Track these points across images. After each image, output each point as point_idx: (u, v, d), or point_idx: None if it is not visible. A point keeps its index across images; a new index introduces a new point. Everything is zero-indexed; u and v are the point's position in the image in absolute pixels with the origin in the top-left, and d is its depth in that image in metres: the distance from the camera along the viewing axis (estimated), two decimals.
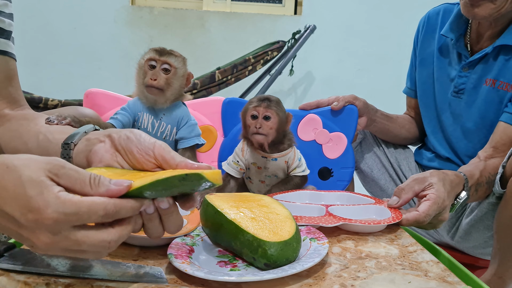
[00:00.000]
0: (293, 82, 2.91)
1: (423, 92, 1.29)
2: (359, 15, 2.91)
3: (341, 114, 1.15)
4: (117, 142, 0.57)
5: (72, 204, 0.42)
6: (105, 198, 0.44)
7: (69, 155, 0.62)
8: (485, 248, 1.16)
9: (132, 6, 2.88)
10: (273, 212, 0.63)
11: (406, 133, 1.34)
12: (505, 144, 1.05)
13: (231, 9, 2.98)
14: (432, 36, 1.27)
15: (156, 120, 0.95)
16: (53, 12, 2.81)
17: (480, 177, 0.99)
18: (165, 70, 0.93)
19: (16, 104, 0.79)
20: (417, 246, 0.72)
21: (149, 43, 2.87)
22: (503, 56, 1.10)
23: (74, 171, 0.45)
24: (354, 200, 0.91)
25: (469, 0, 1.04)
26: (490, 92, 1.12)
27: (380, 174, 1.31)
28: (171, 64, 0.93)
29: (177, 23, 2.88)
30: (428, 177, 0.85)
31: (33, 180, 0.42)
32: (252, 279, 0.52)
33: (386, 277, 0.59)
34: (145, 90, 0.93)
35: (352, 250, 0.68)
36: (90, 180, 0.45)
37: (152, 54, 0.93)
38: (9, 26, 0.78)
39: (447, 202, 0.84)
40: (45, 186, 0.42)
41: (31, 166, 0.43)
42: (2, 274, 0.53)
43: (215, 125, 1.30)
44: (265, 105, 0.91)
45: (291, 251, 0.57)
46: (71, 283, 0.53)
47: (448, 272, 0.62)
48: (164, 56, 0.93)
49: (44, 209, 0.41)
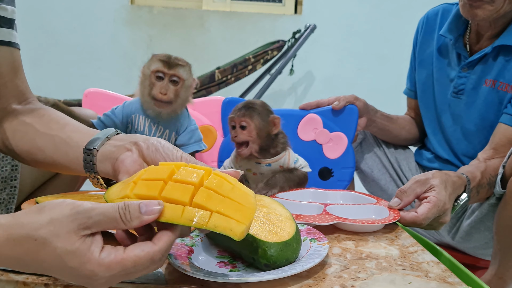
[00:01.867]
0: (293, 82, 2.91)
1: (422, 93, 1.29)
2: (359, 15, 2.91)
3: (342, 114, 1.14)
4: (145, 152, 0.58)
5: (117, 264, 0.42)
6: (146, 248, 0.43)
7: (92, 161, 0.61)
8: (486, 249, 1.15)
9: (131, 6, 2.88)
10: (273, 213, 0.62)
11: (406, 134, 1.34)
12: (504, 145, 1.04)
13: (231, 8, 2.98)
14: (431, 37, 1.26)
15: (153, 123, 0.93)
16: (52, 12, 2.81)
17: (481, 178, 0.98)
18: (174, 82, 0.90)
19: (23, 97, 0.75)
20: (417, 247, 0.72)
21: (149, 42, 2.87)
22: (503, 57, 1.09)
23: (101, 215, 0.42)
24: (357, 199, 0.91)
25: (468, 0, 1.04)
26: (489, 93, 1.12)
27: (381, 175, 1.30)
28: (180, 76, 0.90)
29: (176, 23, 2.88)
30: (430, 178, 0.84)
31: (69, 251, 0.41)
32: (251, 279, 0.51)
33: (386, 277, 0.59)
34: (152, 102, 0.89)
35: (352, 251, 0.68)
36: (121, 217, 0.43)
37: (160, 66, 0.89)
38: (12, 13, 0.73)
39: (448, 205, 0.83)
40: (84, 255, 0.41)
41: (60, 234, 0.41)
42: (1, 274, 0.53)
43: (214, 125, 1.30)
44: (240, 114, 0.91)
45: (291, 251, 0.57)
46: (70, 284, 0.52)
47: (449, 273, 0.61)
48: (172, 69, 0.89)
49: (92, 277, 0.42)
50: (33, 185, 0.96)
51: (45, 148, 0.67)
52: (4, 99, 0.72)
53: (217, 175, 0.49)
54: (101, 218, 0.42)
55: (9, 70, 0.73)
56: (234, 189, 0.48)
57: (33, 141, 0.68)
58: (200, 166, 0.50)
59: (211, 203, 0.45)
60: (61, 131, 0.67)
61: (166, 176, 0.47)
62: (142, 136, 0.61)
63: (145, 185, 0.47)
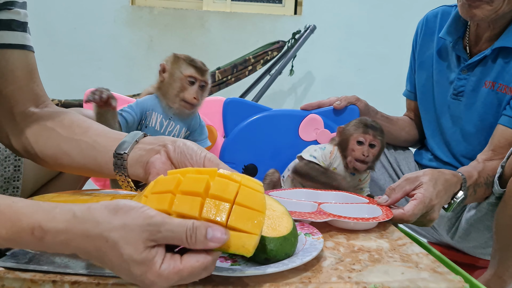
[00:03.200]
0: (293, 82, 2.92)
1: (422, 95, 1.29)
2: (359, 15, 2.91)
3: (343, 114, 1.15)
4: (172, 155, 0.60)
5: (174, 274, 0.45)
6: (201, 259, 0.46)
7: (124, 165, 0.62)
8: (485, 248, 1.16)
9: (132, 6, 2.88)
10: (270, 209, 0.64)
11: (406, 135, 1.34)
12: (503, 147, 1.05)
13: (231, 9, 2.98)
14: (431, 39, 1.27)
15: (165, 119, 0.97)
16: (53, 12, 2.81)
17: (478, 177, 0.99)
18: (202, 87, 0.98)
19: (40, 101, 0.75)
20: (406, 240, 0.74)
21: (149, 43, 2.87)
22: (502, 59, 1.10)
23: (170, 232, 0.45)
24: (348, 199, 0.93)
25: (467, 0, 1.04)
26: (489, 95, 1.12)
27: (380, 174, 1.31)
28: (207, 81, 0.99)
29: (177, 23, 2.88)
30: (420, 176, 0.86)
31: (134, 260, 0.44)
32: (255, 273, 0.53)
33: (380, 268, 0.61)
34: (180, 103, 0.96)
35: (345, 244, 0.71)
36: (186, 238, 0.45)
37: (194, 72, 0.96)
38: (25, 17, 0.74)
39: (435, 201, 0.84)
40: (147, 265, 0.45)
41: (130, 242, 0.44)
42: (7, 272, 0.54)
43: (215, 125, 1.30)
44: (372, 134, 0.98)
45: (289, 246, 0.59)
46: (77, 280, 0.53)
47: (438, 263, 0.64)
48: (204, 76, 0.97)
49: (150, 286, 0.45)
50: (35, 185, 0.96)
51: (71, 153, 0.67)
52: (21, 103, 0.72)
53: (222, 176, 0.49)
54: (169, 234, 0.45)
55: (24, 73, 0.73)
56: (241, 189, 0.49)
57: (57, 146, 0.68)
58: (207, 170, 0.51)
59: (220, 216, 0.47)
60: (85, 135, 0.67)
61: (173, 187, 0.49)
62: (169, 138, 0.63)
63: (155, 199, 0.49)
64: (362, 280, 0.57)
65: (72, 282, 0.53)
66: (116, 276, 0.53)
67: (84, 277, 0.53)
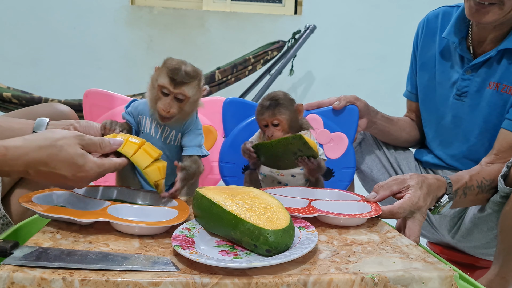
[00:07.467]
0: (293, 82, 2.91)
1: (424, 95, 1.29)
2: (359, 15, 2.91)
3: (342, 114, 1.14)
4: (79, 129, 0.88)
5: (102, 165, 0.73)
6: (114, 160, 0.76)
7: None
8: (486, 249, 1.15)
9: (131, 6, 2.88)
10: (265, 203, 0.68)
11: (407, 136, 1.34)
12: (505, 151, 1.06)
13: (231, 9, 2.98)
14: (432, 40, 1.26)
15: (160, 125, 0.93)
16: (52, 12, 2.81)
17: (469, 180, 1.00)
18: (178, 99, 0.89)
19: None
20: (395, 232, 0.78)
21: (149, 42, 2.87)
22: (507, 60, 1.10)
23: (89, 139, 0.73)
24: (342, 197, 0.94)
25: (476, 5, 1.03)
26: (493, 96, 1.12)
27: (380, 175, 1.30)
28: (186, 94, 0.88)
29: (176, 23, 2.88)
30: (408, 179, 0.91)
31: (78, 154, 0.69)
32: (260, 264, 0.56)
33: (374, 260, 0.64)
34: (155, 112, 0.90)
35: (338, 238, 0.74)
36: (99, 144, 0.75)
37: (166, 83, 0.87)
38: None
39: (421, 203, 0.88)
40: (86, 157, 0.71)
41: (71, 144, 0.69)
42: (17, 270, 0.54)
43: (215, 125, 1.30)
44: (270, 114, 0.96)
45: (288, 237, 0.62)
46: (86, 276, 0.54)
47: (427, 254, 0.67)
48: (178, 88, 0.88)
49: (89, 171, 0.71)
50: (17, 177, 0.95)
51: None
52: None
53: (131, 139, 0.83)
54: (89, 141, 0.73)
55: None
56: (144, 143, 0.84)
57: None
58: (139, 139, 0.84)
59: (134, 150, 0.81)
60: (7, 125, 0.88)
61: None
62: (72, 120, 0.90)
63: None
64: (359, 270, 0.59)
65: (81, 279, 0.53)
66: (122, 271, 0.55)
67: (94, 274, 0.54)
